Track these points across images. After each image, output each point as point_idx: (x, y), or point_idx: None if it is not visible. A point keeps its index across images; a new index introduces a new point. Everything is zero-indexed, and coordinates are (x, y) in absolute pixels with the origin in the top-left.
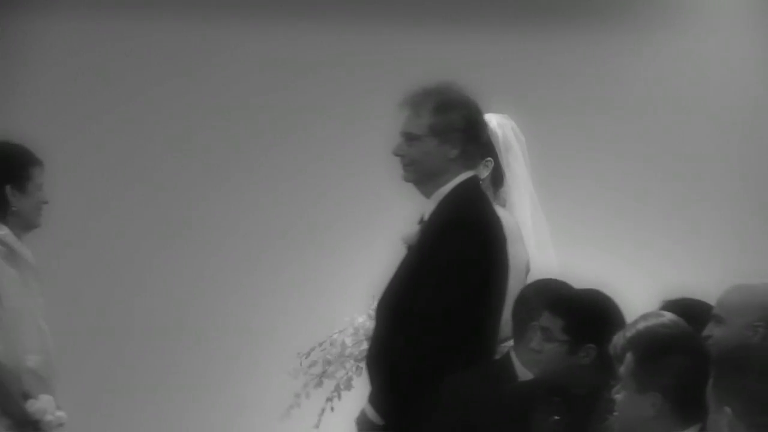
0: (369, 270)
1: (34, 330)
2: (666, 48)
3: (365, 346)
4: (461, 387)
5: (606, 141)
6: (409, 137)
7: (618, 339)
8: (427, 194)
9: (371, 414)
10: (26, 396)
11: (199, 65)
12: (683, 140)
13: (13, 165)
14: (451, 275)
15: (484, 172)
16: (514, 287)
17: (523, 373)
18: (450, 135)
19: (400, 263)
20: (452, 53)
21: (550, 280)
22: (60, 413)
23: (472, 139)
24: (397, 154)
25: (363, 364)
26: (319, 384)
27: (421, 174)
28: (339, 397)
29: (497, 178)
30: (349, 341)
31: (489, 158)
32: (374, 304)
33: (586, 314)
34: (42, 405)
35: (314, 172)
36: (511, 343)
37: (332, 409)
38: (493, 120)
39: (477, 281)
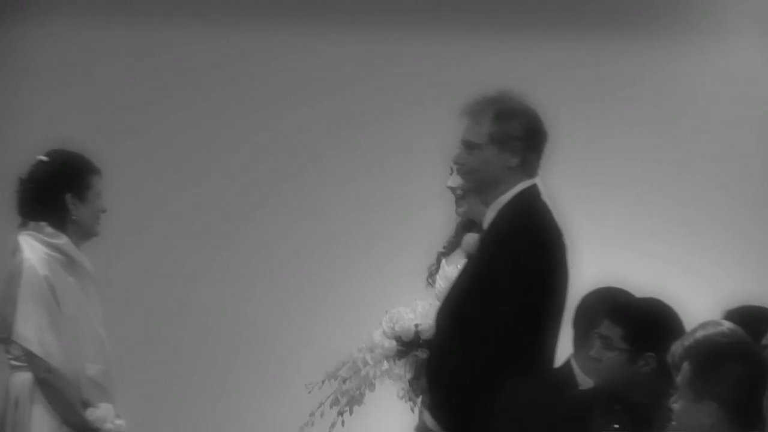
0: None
1: (94, 338)
2: (690, 51)
3: (386, 366)
4: (521, 394)
5: (621, 147)
6: (469, 146)
7: (676, 348)
8: (486, 203)
9: (430, 423)
10: (86, 404)
11: (238, 73)
12: (718, 145)
13: (72, 173)
14: (512, 284)
15: None
16: None
17: (584, 380)
18: (510, 143)
19: (459, 272)
20: (460, 57)
21: (611, 287)
22: (119, 422)
23: (532, 147)
24: (456, 163)
25: (376, 381)
26: (336, 402)
27: (480, 183)
28: (351, 412)
29: None
30: (369, 358)
31: None
32: (386, 318)
33: (645, 323)
34: (102, 413)
35: (352, 185)
36: None
37: (343, 423)
38: None
39: (537, 290)
